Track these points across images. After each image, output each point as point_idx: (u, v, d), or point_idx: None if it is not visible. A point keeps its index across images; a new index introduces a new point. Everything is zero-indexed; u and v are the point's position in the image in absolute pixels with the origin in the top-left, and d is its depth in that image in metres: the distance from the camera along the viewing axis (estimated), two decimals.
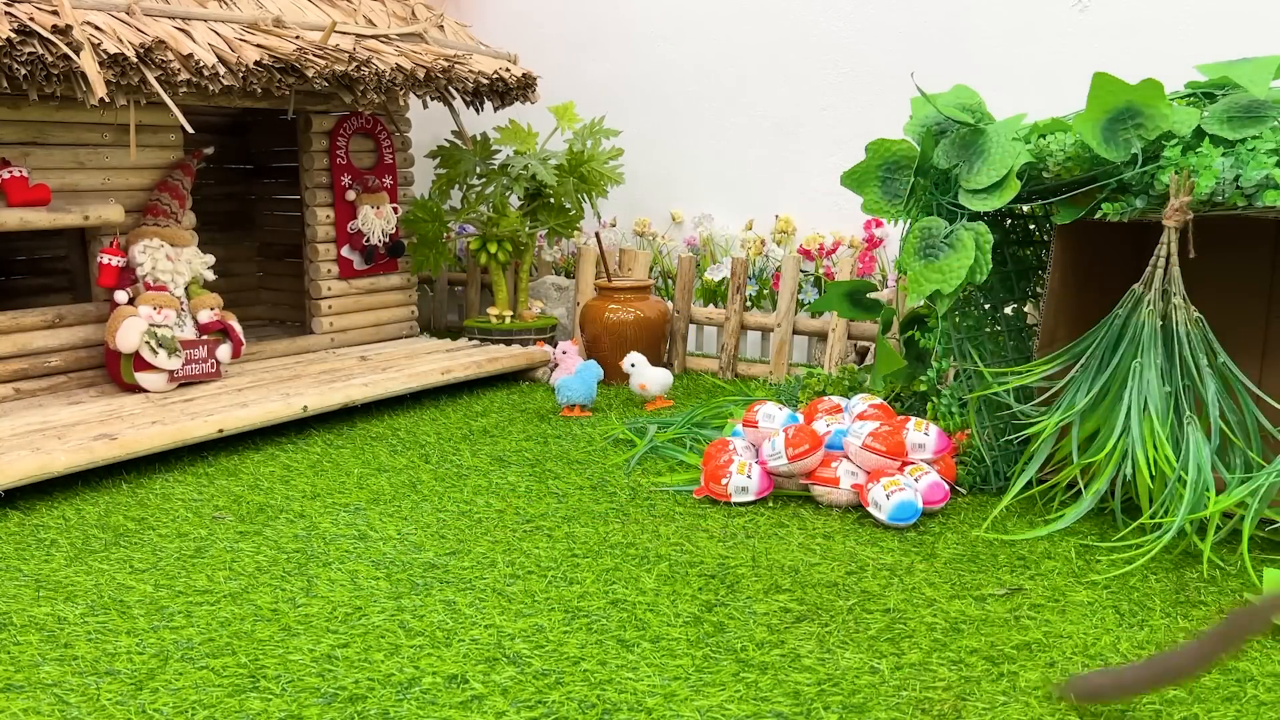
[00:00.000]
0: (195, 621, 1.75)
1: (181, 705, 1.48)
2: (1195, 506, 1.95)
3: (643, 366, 3.25)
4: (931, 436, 2.37)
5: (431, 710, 1.46)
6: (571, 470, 2.62)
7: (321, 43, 3.27)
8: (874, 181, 2.45)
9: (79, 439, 2.50)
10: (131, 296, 3.03)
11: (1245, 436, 2.06)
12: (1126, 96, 2.06)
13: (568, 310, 4.20)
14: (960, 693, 1.50)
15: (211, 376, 3.17)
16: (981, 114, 2.35)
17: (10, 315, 2.91)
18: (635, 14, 4.27)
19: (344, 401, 3.04)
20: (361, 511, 2.31)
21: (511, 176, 3.76)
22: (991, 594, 1.85)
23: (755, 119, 4.07)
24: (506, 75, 3.85)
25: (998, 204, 2.21)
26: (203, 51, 2.91)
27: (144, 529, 2.21)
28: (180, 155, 3.26)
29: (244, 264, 4.33)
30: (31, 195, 2.86)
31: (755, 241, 4.02)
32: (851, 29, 3.82)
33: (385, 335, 3.95)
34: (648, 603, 1.82)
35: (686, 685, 1.53)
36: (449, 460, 2.70)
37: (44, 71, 2.57)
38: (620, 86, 4.31)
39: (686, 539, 2.13)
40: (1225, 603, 1.81)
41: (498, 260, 3.86)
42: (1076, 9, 3.41)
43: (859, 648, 1.65)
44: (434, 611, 1.78)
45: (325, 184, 3.70)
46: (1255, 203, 1.96)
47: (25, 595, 1.87)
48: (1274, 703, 1.47)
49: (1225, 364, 2.06)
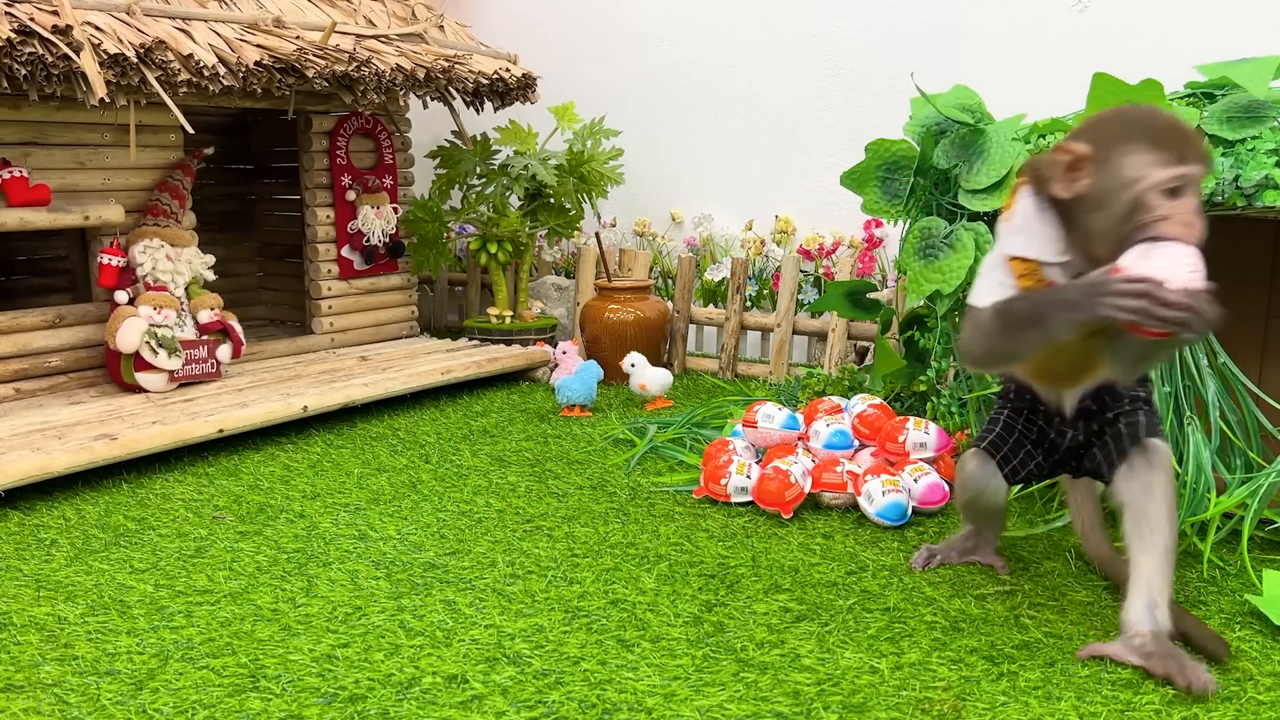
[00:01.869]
0: (195, 621, 1.75)
1: (181, 705, 1.48)
2: (1196, 507, 1.95)
3: (643, 367, 3.25)
4: (932, 435, 2.38)
5: (431, 710, 1.46)
6: (571, 470, 2.62)
7: (321, 43, 3.27)
8: (874, 182, 2.45)
9: (79, 439, 2.50)
10: (132, 297, 3.03)
11: (1245, 437, 2.06)
12: (1126, 97, 2.06)
13: (568, 310, 4.21)
14: (960, 693, 1.50)
15: (212, 377, 3.17)
16: (981, 114, 2.35)
17: (10, 315, 2.91)
18: (635, 14, 4.27)
19: (344, 401, 3.04)
20: (361, 511, 2.31)
21: (511, 177, 3.76)
22: (991, 594, 1.85)
23: (755, 119, 4.07)
24: (506, 75, 3.85)
25: (998, 204, 2.21)
26: (203, 52, 2.91)
27: (144, 529, 2.21)
28: (180, 155, 3.26)
29: (244, 264, 4.33)
30: (31, 195, 2.86)
31: (755, 241, 4.02)
32: (851, 29, 3.82)
33: (385, 335, 3.95)
34: (648, 603, 1.82)
35: (686, 685, 1.53)
36: (449, 460, 2.70)
37: (44, 72, 2.57)
38: (620, 86, 4.31)
39: (686, 539, 2.13)
40: (1225, 603, 1.81)
41: (498, 260, 3.86)
42: (1076, 9, 3.41)
43: (859, 647, 1.65)
44: (434, 611, 1.78)
45: (325, 184, 3.70)
46: (1255, 203, 1.96)
47: (25, 595, 1.88)
48: (1274, 703, 1.47)
49: (1225, 364, 2.06)
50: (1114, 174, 1.46)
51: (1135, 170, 1.45)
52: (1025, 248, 1.57)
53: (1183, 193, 1.44)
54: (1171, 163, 1.44)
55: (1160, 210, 1.44)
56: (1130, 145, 1.47)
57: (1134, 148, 1.46)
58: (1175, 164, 1.44)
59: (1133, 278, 1.41)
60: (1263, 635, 1.69)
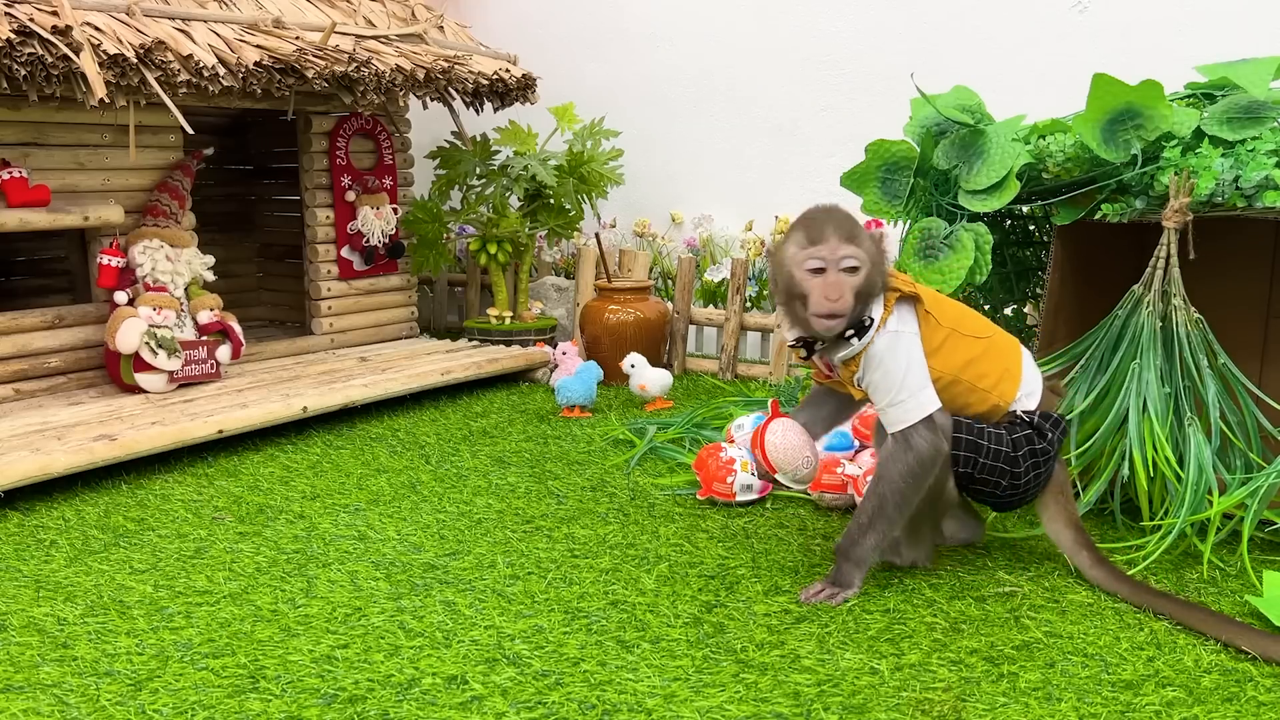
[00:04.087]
0: (195, 622, 1.75)
1: (181, 706, 1.48)
2: (1197, 507, 1.95)
3: (642, 367, 3.25)
4: None
5: (431, 711, 1.46)
6: (571, 471, 2.62)
7: (321, 43, 3.27)
8: (874, 182, 2.44)
9: (79, 440, 2.50)
10: (131, 297, 3.03)
11: (1245, 437, 2.05)
12: (1126, 97, 2.06)
13: (567, 311, 4.21)
14: (960, 693, 1.50)
15: (211, 377, 3.17)
16: (981, 115, 2.35)
17: (10, 316, 2.91)
18: (635, 15, 4.27)
19: (344, 402, 3.04)
20: (361, 512, 2.31)
21: (511, 177, 3.76)
22: (991, 594, 1.85)
23: (755, 119, 4.07)
24: (506, 76, 3.85)
25: (997, 205, 2.21)
26: (202, 52, 2.91)
27: (144, 530, 2.21)
28: (180, 156, 3.26)
29: (244, 265, 4.33)
30: (31, 196, 2.86)
31: (755, 242, 4.02)
32: (851, 29, 3.82)
33: (385, 336, 3.95)
34: (648, 603, 1.82)
35: (686, 686, 1.53)
36: (449, 461, 2.70)
37: (44, 72, 2.57)
38: (620, 87, 4.31)
39: (686, 540, 2.13)
40: (1225, 604, 1.81)
41: (497, 261, 3.86)
42: (1076, 9, 3.41)
43: (859, 648, 1.65)
44: (434, 612, 1.78)
45: (325, 185, 3.70)
46: (1255, 204, 1.96)
47: (25, 596, 1.87)
48: (1274, 703, 1.47)
49: (1225, 365, 2.06)
50: (777, 260, 1.82)
51: (787, 253, 1.79)
52: (788, 333, 1.93)
53: (825, 272, 1.74)
54: (812, 245, 1.75)
55: (808, 285, 1.75)
56: (788, 235, 1.81)
57: (789, 236, 1.80)
58: (815, 246, 1.75)
59: None
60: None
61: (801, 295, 1.76)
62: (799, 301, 1.77)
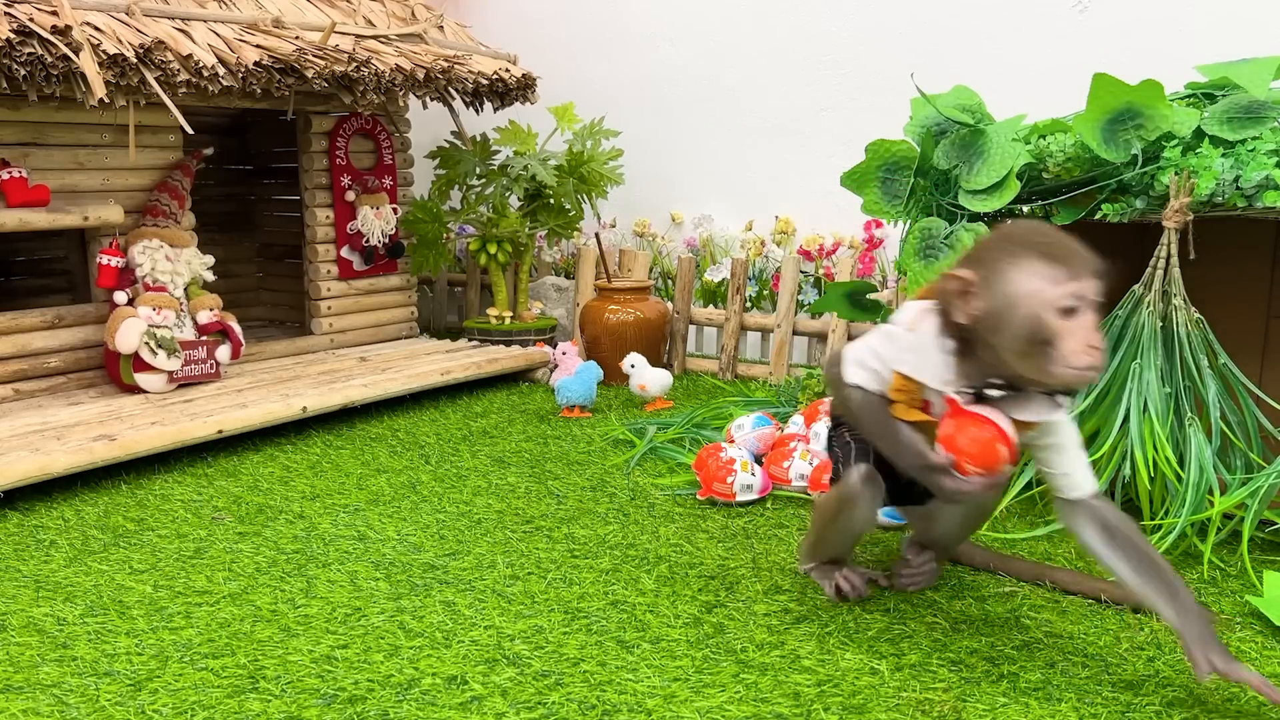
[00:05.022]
0: (195, 622, 1.75)
1: (181, 706, 1.48)
2: (1197, 507, 1.95)
3: (642, 367, 3.25)
4: None
5: (431, 711, 1.46)
6: (571, 471, 2.62)
7: (321, 43, 3.27)
8: (874, 182, 2.44)
9: (78, 440, 2.50)
10: (131, 297, 3.03)
11: (1245, 437, 2.05)
12: (1126, 97, 2.06)
13: (567, 311, 4.20)
14: (960, 693, 1.50)
15: (211, 377, 3.17)
16: (981, 114, 2.35)
17: (10, 316, 2.91)
18: (635, 15, 4.27)
19: (343, 402, 3.04)
20: (361, 512, 2.31)
21: (511, 177, 3.75)
22: (991, 595, 1.84)
23: (755, 119, 4.07)
24: (506, 76, 3.85)
25: (998, 205, 2.21)
26: (202, 52, 2.91)
27: (143, 530, 2.21)
28: (180, 156, 3.26)
29: (244, 265, 4.33)
30: (31, 196, 2.86)
31: (755, 242, 4.02)
32: (851, 29, 3.82)
33: (385, 336, 3.95)
34: (647, 604, 1.82)
35: (686, 686, 1.53)
36: (448, 461, 2.70)
37: (43, 72, 2.57)
38: (620, 87, 4.31)
39: (686, 540, 2.13)
40: (1226, 604, 1.81)
41: (497, 261, 3.86)
42: (1076, 9, 3.41)
43: (859, 649, 1.65)
44: (433, 612, 1.78)
45: (325, 184, 3.70)
46: (1255, 203, 1.96)
47: (24, 596, 1.87)
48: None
49: (1226, 365, 2.06)
50: (1003, 294, 1.41)
51: (1025, 287, 1.39)
52: (914, 369, 1.56)
53: (1079, 312, 1.38)
54: (1064, 280, 1.38)
55: (1058, 329, 1.38)
56: (1018, 262, 1.41)
57: (1023, 264, 1.41)
58: (1068, 281, 1.38)
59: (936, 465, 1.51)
60: (1263, 636, 1.69)
61: (1045, 341, 1.39)
62: (1043, 348, 1.39)
